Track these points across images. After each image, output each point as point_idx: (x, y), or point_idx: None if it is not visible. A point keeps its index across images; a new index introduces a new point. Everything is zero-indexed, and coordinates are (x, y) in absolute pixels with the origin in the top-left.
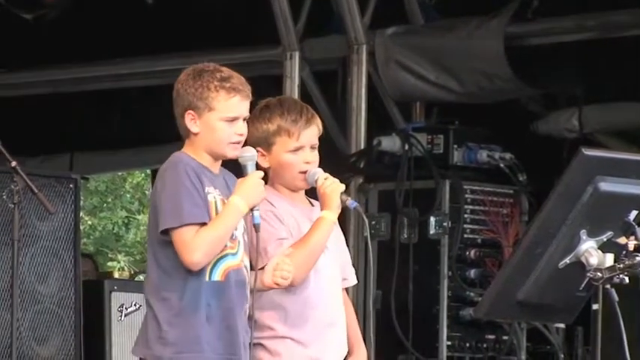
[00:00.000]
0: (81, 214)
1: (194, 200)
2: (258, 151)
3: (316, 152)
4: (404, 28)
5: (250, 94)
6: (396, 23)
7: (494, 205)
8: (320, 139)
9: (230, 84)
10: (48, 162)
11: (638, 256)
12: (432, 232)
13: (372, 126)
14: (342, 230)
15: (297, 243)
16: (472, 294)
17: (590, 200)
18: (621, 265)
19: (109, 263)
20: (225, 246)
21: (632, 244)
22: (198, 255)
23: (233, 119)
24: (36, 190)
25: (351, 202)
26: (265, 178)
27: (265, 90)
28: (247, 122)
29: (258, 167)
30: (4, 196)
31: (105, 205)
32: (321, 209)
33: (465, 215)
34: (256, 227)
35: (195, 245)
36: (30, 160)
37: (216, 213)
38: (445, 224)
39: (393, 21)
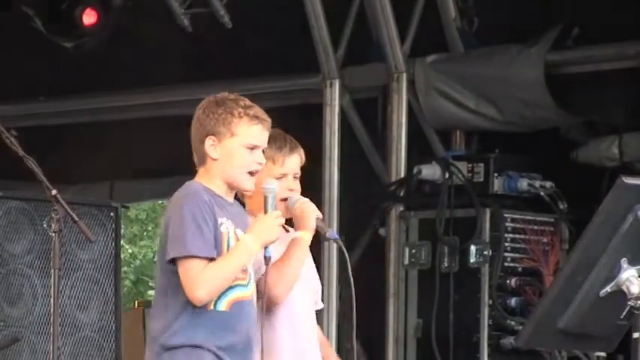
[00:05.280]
0: (121, 242)
1: (203, 234)
2: None
3: (298, 182)
4: (444, 56)
5: (270, 127)
6: (435, 51)
7: (535, 233)
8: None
9: (254, 112)
10: (88, 190)
11: None
12: (472, 260)
13: (412, 154)
14: (383, 259)
15: (277, 262)
16: (513, 322)
17: (630, 229)
18: None
19: (150, 292)
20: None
21: None
22: (202, 292)
23: (254, 147)
24: (77, 219)
25: (331, 233)
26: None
27: (306, 118)
28: None
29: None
30: (45, 225)
31: (145, 233)
32: (297, 229)
33: (506, 244)
34: (266, 260)
35: (200, 281)
36: (70, 188)
37: (229, 244)
38: (485, 253)
39: (433, 49)
